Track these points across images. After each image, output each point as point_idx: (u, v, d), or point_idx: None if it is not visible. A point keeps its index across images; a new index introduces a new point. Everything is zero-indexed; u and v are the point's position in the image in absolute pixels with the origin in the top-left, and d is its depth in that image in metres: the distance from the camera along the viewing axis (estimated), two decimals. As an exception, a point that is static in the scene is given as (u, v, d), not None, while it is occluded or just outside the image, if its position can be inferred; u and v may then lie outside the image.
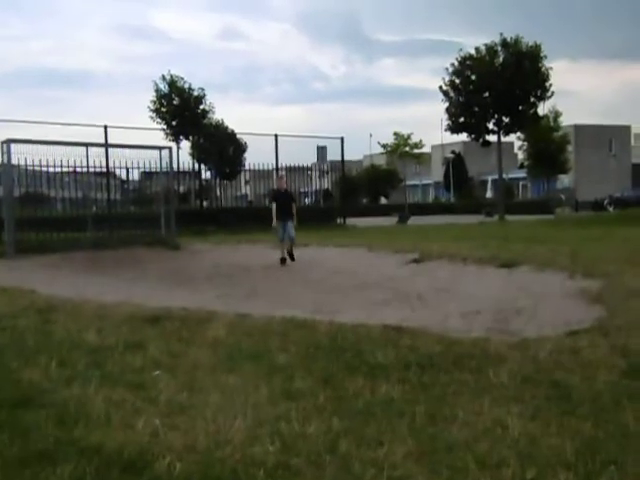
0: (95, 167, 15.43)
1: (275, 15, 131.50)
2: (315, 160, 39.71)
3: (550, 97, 27.92)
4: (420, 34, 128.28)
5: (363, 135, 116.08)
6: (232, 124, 35.13)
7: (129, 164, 16.25)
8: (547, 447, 2.59)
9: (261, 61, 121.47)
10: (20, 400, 3.23)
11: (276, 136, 20.61)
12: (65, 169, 15.67)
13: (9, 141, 12.90)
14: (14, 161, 13.39)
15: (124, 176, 18.45)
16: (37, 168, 15.45)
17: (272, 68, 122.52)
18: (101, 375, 3.69)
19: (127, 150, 15.65)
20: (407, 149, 40.71)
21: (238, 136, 32.01)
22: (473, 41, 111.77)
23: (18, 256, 12.08)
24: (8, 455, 2.56)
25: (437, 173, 62.69)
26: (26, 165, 14.83)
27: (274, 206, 11.19)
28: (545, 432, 2.75)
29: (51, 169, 15.51)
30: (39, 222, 14.86)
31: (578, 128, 52.22)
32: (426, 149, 51.10)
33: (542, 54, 27.08)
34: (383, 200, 55.74)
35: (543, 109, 31.85)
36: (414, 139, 40.59)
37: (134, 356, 4.13)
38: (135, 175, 18.59)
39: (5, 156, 12.88)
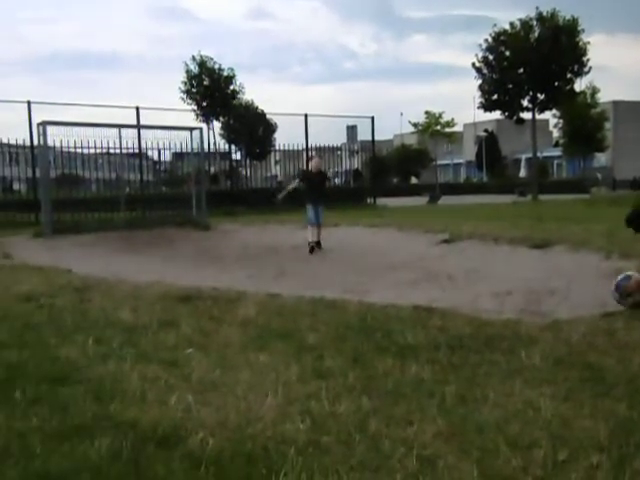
0: (128, 148, 15.63)
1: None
2: (345, 140, 39.48)
3: (587, 73, 27.21)
4: (451, 9, 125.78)
5: (393, 114, 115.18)
6: (262, 104, 35.19)
7: (161, 145, 16.43)
8: (580, 429, 2.56)
9: (290, 40, 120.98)
10: (58, 376, 3.32)
11: (306, 116, 20.53)
12: (99, 150, 15.92)
13: (45, 123, 13.13)
14: (50, 143, 13.65)
15: (156, 157, 18.68)
16: (72, 150, 15.73)
17: (301, 47, 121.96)
18: (136, 352, 3.77)
19: (159, 131, 15.80)
20: (438, 128, 40.20)
21: (268, 116, 32.03)
22: (506, 16, 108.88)
23: (55, 236, 12.36)
24: (48, 428, 2.65)
25: (469, 152, 61.75)
26: (61, 147, 15.11)
27: (294, 184, 11.16)
28: (578, 414, 2.72)
29: (85, 150, 15.77)
30: (74, 203, 15.17)
31: (617, 104, 50.74)
32: (458, 128, 50.35)
33: (579, 28, 26.31)
34: (414, 180, 55.26)
35: (580, 85, 31.06)
36: (446, 118, 40.09)
37: (167, 334, 4.20)
38: (167, 156, 18.81)
39: (41, 138, 13.12)
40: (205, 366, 3.49)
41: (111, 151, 15.86)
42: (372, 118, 21.78)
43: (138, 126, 15.99)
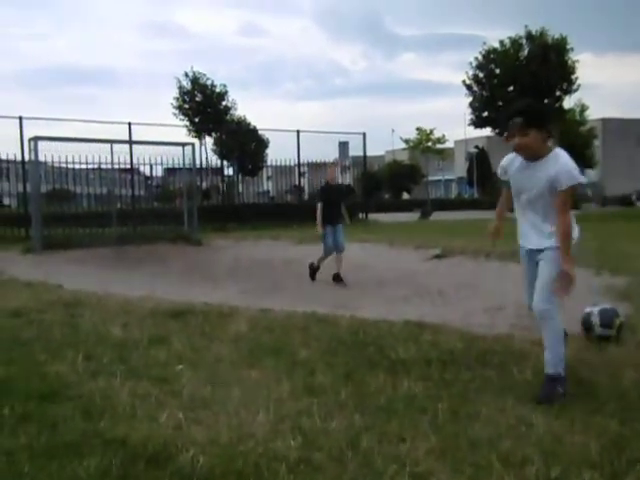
0: (119, 164, 15.62)
1: (295, 11, 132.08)
2: (337, 156, 39.66)
3: (576, 90, 27.57)
4: (441, 28, 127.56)
5: (384, 130, 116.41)
6: (253, 120, 35.35)
7: (153, 160, 16.44)
8: (572, 445, 2.56)
9: (281, 57, 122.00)
10: (47, 393, 3.28)
11: (298, 132, 20.61)
12: (90, 166, 15.91)
13: (36, 138, 13.12)
14: (41, 158, 13.62)
15: (148, 172, 18.68)
16: (63, 165, 15.70)
17: (292, 64, 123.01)
18: (126, 369, 3.74)
19: (151, 146, 15.82)
20: (430, 144, 40.50)
21: (260, 132, 32.19)
22: (495, 35, 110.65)
23: (45, 251, 12.28)
24: (36, 447, 2.61)
25: (460, 169, 62.16)
26: (52, 162, 15.08)
27: (320, 206, 8.63)
28: (570, 430, 2.72)
29: (77, 166, 15.74)
30: (65, 218, 15.10)
31: (605, 122, 51.35)
32: (449, 144, 50.79)
33: (568, 46, 26.72)
34: (405, 195, 55.50)
35: (569, 103, 31.44)
36: (437, 134, 40.42)
37: (158, 350, 4.17)
38: (159, 171, 18.82)
39: (32, 153, 13.10)
40: (196, 382, 3.47)
41: (103, 166, 15.86)
42: (364, 134, 21.91)
43: (130, 142, 15.99)
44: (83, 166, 15.84)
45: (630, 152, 52.23)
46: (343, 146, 41.00)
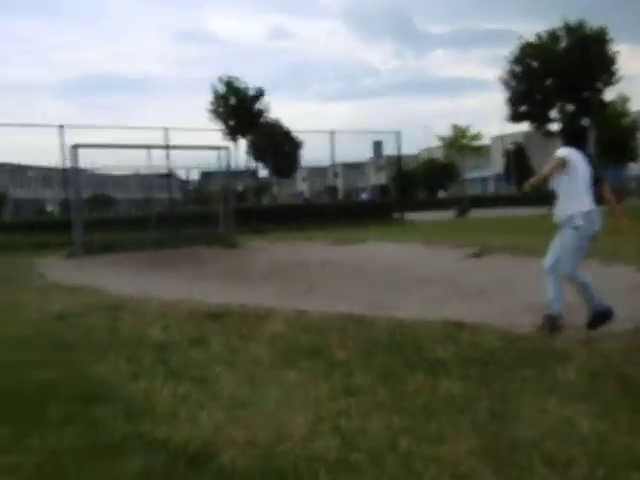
0: (157, 168, 15.91)
1: (323, 12, 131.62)
2: (371, 155, 39.50)
3: (618, 82, 26.84)
4: (470, 24, 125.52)
5: (418, 129, 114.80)
6: (287, 122, 35.47)
7: (189, 165, 16.71)
8: (618, 446, 2.48)
9: (311, 59, 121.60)
10: (91, 395, 3.36)
11: (332, 132, 20.63)
12: (129, 171, 16.27)
13: (77, 146, 13.46)
14: (81, 165, 13.97)
15: (184, 176, 18.99)
16: (103, 171, 16.09)
17: (322, 65, 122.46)
18: (166, 370, 3.80)
19: (187, 151, 16.08)
20: (465, 141, 40.00)
21: (293, 134, 32.34)
22: (525, 29, 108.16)
23: (87, 256, 12.59)
24: (80, 448, 2.67)
25: (497, 165, 61.15)
26: (93, 169, 15.46)
27: None
28: (615, 431, 2.64)
29: (116, 172, 16.12)
30: (106, 223, 15.46)
31: (648, 113, 49.73)
32: (485, 141, 50.03)
33: (608, 37, 26.05)
34: (442, 193, 54.93)
35: (610, 95, 30.60)
36: (472, 131, 39.90)
37: (197, 351, 4.22)
38: (195, 175, 19.12)
39: (73, 160, 13.45)
40: (235, 384, 3.50)
41: (141, 172, 16.18)
42: (398, 133, 21.80)
43: (167, 147, 16.28)
44: (122, 172, 16.22)
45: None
46: (377, 146, 40.79)
